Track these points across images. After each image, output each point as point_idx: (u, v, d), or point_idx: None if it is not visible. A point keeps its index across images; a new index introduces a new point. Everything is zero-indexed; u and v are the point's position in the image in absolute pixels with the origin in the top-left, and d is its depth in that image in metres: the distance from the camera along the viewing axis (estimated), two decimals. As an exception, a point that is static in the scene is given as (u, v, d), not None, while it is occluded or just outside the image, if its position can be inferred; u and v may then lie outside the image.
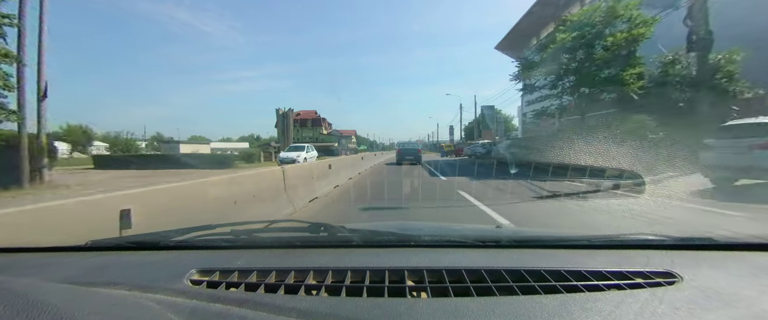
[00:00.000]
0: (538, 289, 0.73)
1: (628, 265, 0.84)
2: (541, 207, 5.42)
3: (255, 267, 0.85)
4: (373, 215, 5.03)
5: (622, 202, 5.51)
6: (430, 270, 0.82)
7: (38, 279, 0.78)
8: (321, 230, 1.13)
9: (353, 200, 6.31)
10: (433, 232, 1.26)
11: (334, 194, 6.88)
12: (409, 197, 6.44)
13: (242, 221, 1.32)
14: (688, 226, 4.01)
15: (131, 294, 0.68)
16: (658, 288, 0.73)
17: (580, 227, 4.05)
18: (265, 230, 1.30)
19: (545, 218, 4.70)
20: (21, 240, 1.34)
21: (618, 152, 7.58)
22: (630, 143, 8.43)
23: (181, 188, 2.97)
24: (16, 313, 0.51)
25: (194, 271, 0.83)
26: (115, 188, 2.55)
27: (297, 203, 5.06)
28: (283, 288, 0.76)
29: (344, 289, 0.74)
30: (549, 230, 1.27)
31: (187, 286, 0.76)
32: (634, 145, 8.28)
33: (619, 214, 4.67)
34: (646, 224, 3.89)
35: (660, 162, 7.72)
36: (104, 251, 1.11)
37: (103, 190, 3.28)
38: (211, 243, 1.15)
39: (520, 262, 0.87)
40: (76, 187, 9.81)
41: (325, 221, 1.17)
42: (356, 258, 0.92)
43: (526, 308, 0.64)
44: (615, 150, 7.73)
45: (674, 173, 7.26)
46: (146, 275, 0.82)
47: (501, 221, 4.21)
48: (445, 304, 0.67)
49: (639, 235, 1.07)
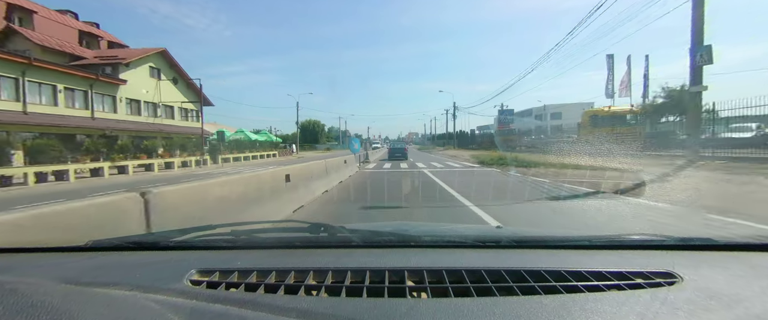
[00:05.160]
0: (538, 289, 0.72)
1: (628, 265, 0.84)
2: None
3: (255, 268, 0.85)
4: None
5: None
6: (430, 270, 0.82)
7: (38, 279, 0.78)
8: (321, 231, 1.13)
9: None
10: (433, 232, 1.26)
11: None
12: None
13: (242, 222, 1.32)
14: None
15: (131, 294, 0.68)
16: (659, 288, 0.73)
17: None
18: (265, 231, 1.30)
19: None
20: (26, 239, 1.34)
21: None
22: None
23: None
24: (17, 313, 0.51)
25: (194, 271, 0.83)
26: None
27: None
28: (283, 288, 0.76)
29: (344, 289, 0.74)
30: (549, 231, 1.27)
31: (187, 286, 0.76)
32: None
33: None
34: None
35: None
36: (104, 251, 1.10)
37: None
38: (211, 243, 1.15)
39: (520, 262, 0.87)
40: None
41: (325, 221, 1.17)
42: (356, 259, 0.92)
43: (526, 308, 0.64)
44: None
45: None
46: (146, 275, 0.82)
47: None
48: (445, 304, 0.67)
49: (639, 235, 1.07)
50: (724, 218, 4.47)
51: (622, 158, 11.09)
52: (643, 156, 14.65)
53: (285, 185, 5.03)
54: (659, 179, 8.36)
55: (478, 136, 51.95)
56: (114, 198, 2.20)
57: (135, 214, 2.27)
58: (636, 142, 17.74)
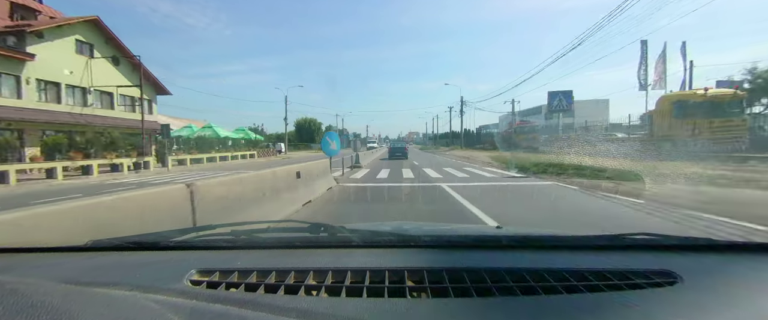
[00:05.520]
0: (539, 289, 0.72)
1: (628, 265, 0.84)
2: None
3: (255, 268, 0.85)
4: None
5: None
6: (430, 270, 0.82)
7: (38, 279, 0.78)
8: (321, 231, 1.14)
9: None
10: (433, 232, 1.26)
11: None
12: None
13: (242, 222, 1.32)
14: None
15: (131, 294, 0.68)
16: (659, 288, 0.73)
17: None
18: (265, 231, 1.30)
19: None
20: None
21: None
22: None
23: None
24: (17, 313, 0.51)
25: (194, 271, 0.83)
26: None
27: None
28: (283, 288, 0.76)
29: (344, 289, 0.74)
30: (549, 231, 1.27)
31: (187, 286, 0.76)
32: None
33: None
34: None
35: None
36: (104, 251, 1.10)
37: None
38: (211, 243, 1.15)
39: (520, 262, 0.87)
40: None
41: (324, 221, 1.16)
42: (356, 259, 0.92)
43: (526, 308, 0.64)
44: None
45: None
46: (146, 275, 0.82)
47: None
48: (446, 304, 0.68)
49: (639, 235, 1.07)
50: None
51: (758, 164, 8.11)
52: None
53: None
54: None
55: (484, 135, 48.12)
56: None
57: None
58: (739, 139, 13.87)
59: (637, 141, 17.25)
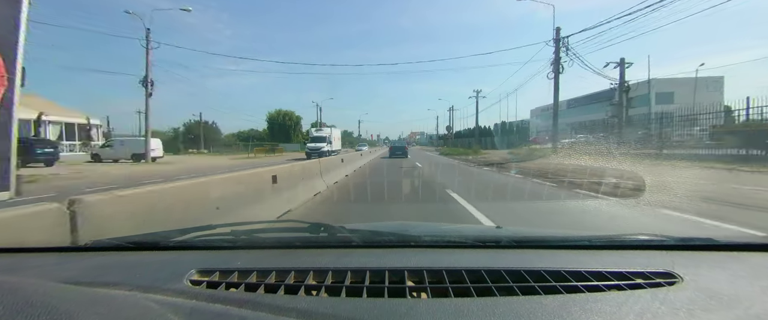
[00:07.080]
0: (539, 290, 0.72)
1: (628, 266, 0.84)
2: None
3: (255, 268, 0.85)
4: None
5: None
6: (430, 270, 0.82)
7: (38, 279, 0.78)
8: (321, 231, 1.13)
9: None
10: (433, 232, 1.26)
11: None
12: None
13: (242, 222, 1.32)
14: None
15: (131, 295, 0.68)
16: (659, 288, 0.73)
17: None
18: (265, 231, 1.30)
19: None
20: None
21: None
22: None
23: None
24: (17, 313, 0.51)
25: (194, 271, 0.83)
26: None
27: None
28: (283, 288, 0.76)
29: (344, 289, 0.74)
30: (549, 231, 1.27)
31: (187, 286, 0.76)
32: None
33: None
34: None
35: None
36: (104, 251, 1.11)
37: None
38: (211, 243, 1.15)
39: (520, 262, 0.87)
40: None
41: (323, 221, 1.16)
42: (356, 259, 0.92)
43: (526, 308, 0.64)
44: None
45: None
46: (146, 275, 0.82)
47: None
48: (445, 305, 0.67)
49: (639, 236, 1.08)
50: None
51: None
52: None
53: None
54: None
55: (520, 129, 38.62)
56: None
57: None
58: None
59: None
